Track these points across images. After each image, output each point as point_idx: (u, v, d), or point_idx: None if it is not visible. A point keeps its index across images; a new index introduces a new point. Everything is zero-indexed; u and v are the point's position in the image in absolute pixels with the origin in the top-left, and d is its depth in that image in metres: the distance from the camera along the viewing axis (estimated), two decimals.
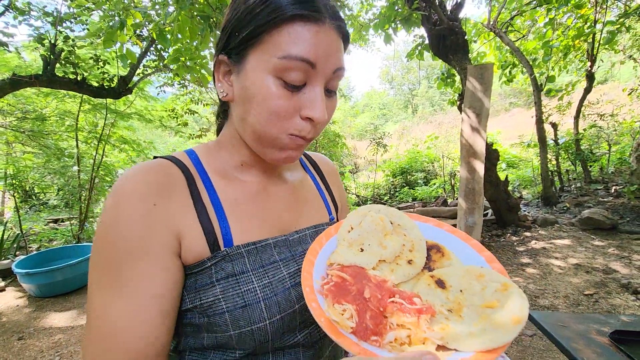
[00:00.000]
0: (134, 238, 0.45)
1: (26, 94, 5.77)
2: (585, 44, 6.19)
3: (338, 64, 0.50)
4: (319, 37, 0.47)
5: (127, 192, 0.47)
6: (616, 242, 4.04)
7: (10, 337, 2.76)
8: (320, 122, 0.50)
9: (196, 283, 0.50)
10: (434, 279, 0.43)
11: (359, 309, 0.39)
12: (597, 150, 7.45)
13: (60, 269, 3.37)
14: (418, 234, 0.50)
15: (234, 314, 0.48)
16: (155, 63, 5.35)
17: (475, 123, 4.26)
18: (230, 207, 0.55)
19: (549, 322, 1.03)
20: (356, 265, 0.45)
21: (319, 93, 0.49)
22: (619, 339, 0.93)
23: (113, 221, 0.45)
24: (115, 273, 0.44)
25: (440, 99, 27.64)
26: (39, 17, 4.55)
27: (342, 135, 9.73)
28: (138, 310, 0.44)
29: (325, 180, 0.76)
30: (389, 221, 0.51)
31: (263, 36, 0.47)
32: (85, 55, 5.09)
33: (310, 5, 0.46)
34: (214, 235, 0.51)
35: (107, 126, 6.22)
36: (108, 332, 0.43)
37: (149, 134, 12.06)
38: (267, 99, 0.47)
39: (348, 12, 6.15)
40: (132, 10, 2.87)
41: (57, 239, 5.93)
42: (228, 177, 0.58)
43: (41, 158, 6.61)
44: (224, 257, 0.50)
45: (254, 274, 0.51)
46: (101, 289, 0.44)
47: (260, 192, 0.60)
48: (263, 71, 0.47)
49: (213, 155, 0.60)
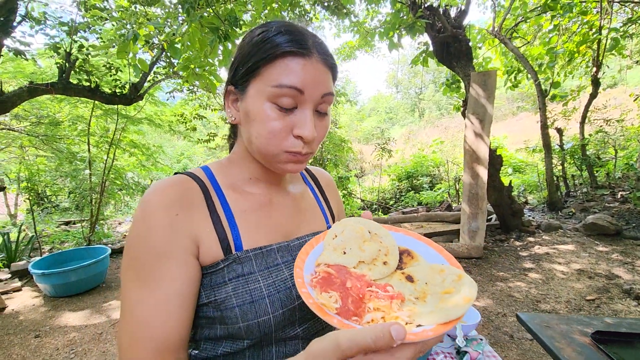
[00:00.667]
0: (160, 244, 0.54)
1: (40, 100, 5.93)
2: (590, 49, 6.20)
3: (325, 90, 0.59)
4: (306, 68, 0.56)
5: (153, 205, 0.56)
6: (620, 247, 4.05)
7: (27, 335, 2.88)
8: (309, 139, 0.58)
9: (211, 282, 0.58)
10: (405, 275, 0.53)
11: (342, 295, 0.47)
12: (603, 155, 7.42)
13: (74, 270, 3.50)
14: (392, 241, 0.59)
15: (243, 308, 0.56)
16: (165, 70, 5.49)
17: (479, 129, 4.32)
18: (240, 217, 0.64)
19: (534, 322, 1.09)
20: (339, 264, 0.53)
21: (308, 115, 0.58)
22: (600, 339, 0.99)
23: (143, 230, 0.55)
24: (145, 273, 0.53)
25: (447, 103, 27.57)
26: (54, 26, 4.72)
27: (348, 140, 9.79)
28: (163, 305, 0.53)
29: (323, 192, 0.84)
30: (367, 231, 0.59)
31: (261, 69, 0.57)
32: (98, 63, 5.25)
33: (298, 44, 0.56)
34: (227, 241, 0.60)
35: (118, 131, 6.39)
36: (138, 323, 0.52)
37: (158, 138, 12.27)
38: (264, 121, 0.57)
39: (354, 19, 6.25)
40: (146, 24, 3.00)
41: (69, 240, 6.08)
42: (238, 190, 0.67)
43: (53, 162, 6.79)
44: (235, 260, 0.59)
45: (260, 275, 0.60)
46: (133, 286, 0.54)
47: (266, 203, 0.69)
48: (261, 98, 0.57)
49: (225, 171, 0.69)
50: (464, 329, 1.23)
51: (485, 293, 3.31)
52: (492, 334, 2.65)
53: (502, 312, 2.94)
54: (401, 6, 4.86)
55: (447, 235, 4.74)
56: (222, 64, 3.57)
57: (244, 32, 3.82)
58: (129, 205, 9.41)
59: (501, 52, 6.92)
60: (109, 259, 4.12)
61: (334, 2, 5.36)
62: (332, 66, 0.62)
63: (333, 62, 0.62)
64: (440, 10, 4.86)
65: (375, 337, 0.35)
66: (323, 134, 0.63)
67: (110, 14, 4.33)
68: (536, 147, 7.36)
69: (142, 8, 4.43)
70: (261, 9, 4.05)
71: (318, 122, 0.61)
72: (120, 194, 7.43)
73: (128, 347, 0.52)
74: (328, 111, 0.63)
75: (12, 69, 5.81)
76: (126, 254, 0.56)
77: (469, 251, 4.16)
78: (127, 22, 3.66)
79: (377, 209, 8.24)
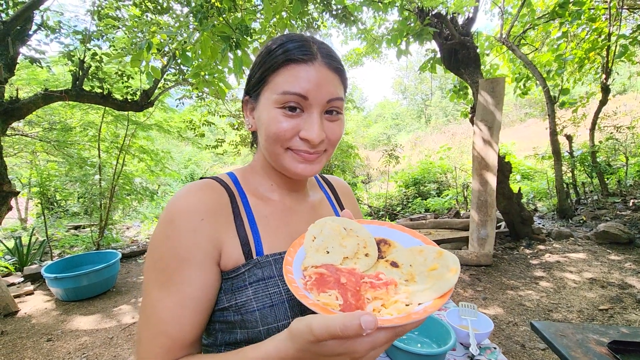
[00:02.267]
0: (183, 248, 0.56)
1: (53, 106, 6.04)
2: (599, 56, 6.17)
3: (331, 95, 0.61)
4: (309, 74, 0.59)
5: (180, 208, 0.58)
6: (633, 256, 3.98)
7: (39, 339, 2.91)
8: (315, 142, 0.60)
9: (232, 286, 0.60)
10: (389, 262, 0.55)
11: (341, 292, 0.48)
12: (614, 162, 7.33)
13: (86, 274, 3.55)
14: (367, 233, 0.61)
15: (263, 312, 0.58)
16: (176, 77, 5.58)
17: (487, 136, 4.31)
18: (262, 223, 0.66)
19: (549, 331, 1.09)
20: (327, 264, 0.55)
21: (315, 118, 0.60)
22: (617, 348, 0.98)
23: (168, 233, 0.57)
24: (167, 276, 0.56)
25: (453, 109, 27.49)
26: (69, 34, 4.84)
27: (355, 146, 9.80)
28: (179, 308, 0.55)
29: (339, 201, 0.86)
30: (342, 227, 0.62)
31: (268, 78, 0.61)
32: (110, 70, 5.35)
33: (301, 51, 0.59)
34: (249, 246, 0.62)
35: (128, 137, 6.48)
36: (157, 320, 0.55)
37: (166, 143, 12.41)
38: (272, 124, 0.60)
39: (362, 26, 6.30)
40: (158, 32, 3.06)
41: (78, 245, 6.16)
42: (261, 197, 0.70)
43: (64, 167, 6.89)
44: (256, 264, 0.61)
45: (280, 279, 0.61)
46: (155, 286, 0.56)
47: (286, 210, 0.71)
48: (270, 105, 0.60)
49: (248, 178, 0.72)
50: (477, 337, 1.23)
51: (496, 301, 3.27)
52: (503, 343, 2.62)
53: (514, 321, 2.90)
54: (409, 14, 4.90)
55: (455, 243, 4.71)
56: (232, 72, 3.62)
57: (253, 40, 3.88)
58: (137, 210, 9.49)
59: (509, 59, 6.91)
60: (120, 264, 4.16)
61: (341, 11, 5.41)
62: (338, 69, 0.63)
63: (339, 65, 0.64)
64: (448, 18, 4.88)
65: (344, 326, 0.37)
66: (336, 135, 0.64)
67: (123, 23, 4.43)
68: (545, 154, 7.29)
69: (153, 17, 4.53)
70: (270, 17, 4.10)
71: (329, 123, 0.63)
72: (128, 199, 7.51)
73: (145, 340, 0.56)
74: (341, 112, 0.65)
75: (26, 75, 5.95)
76: (150, 254, 0.58)
77: (478, 259, 4.12)
78: (140, 30, 3.74)
79: (384, 215, 8.21)
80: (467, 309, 1.38)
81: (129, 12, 4.92)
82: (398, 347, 1.13)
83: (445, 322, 1.26)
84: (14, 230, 7.15)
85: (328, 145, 0.64)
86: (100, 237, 6.06)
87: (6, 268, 4.47)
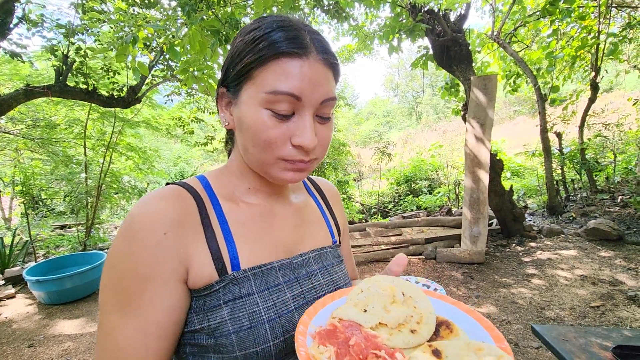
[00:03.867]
0: (144, 267, 0.48)
1: (36, 102, 5.88)
2: (589, 54, 6.23)
3: (326, 95, 0.53)
4: (303, 71, 0.50)
5: (141, 221, 0.50)
6: (623, 253, 4.02)
7: (20, 345, 2.80)
8: (309, 148, 0.52)
9: (204, 305, 0.52)
10: (432, 348, 0.44)
11: (339, 352, 0.41)
12: (602, 159, 7.43)
13: (69, 276, 3.43)
14: (429, 308, 0.50)
15: (240, 335, 0.50)
16: (164, 73, 5.45)
17: (480, 133, 4.30)
18: (238, 230, 0.58)
19: (551, 335, 1.05)
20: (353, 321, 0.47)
21: (308, 121, 0.52)
22: (621, 353, 0.95)
23: (127, 250, 0.49)
24: (126, 298, 0.48)
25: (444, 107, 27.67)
26: (52, 28, 4.68)
27: (347, 143, 9.77)
28: (141, 334, 0.48)
29: (328, 203, 0.78)
30: (401, 292, 0.52)
31: (252, 72, 0.51)
32: (95, 65, 5.20)
33: (294, 43, 0.50)
34: (222, 260, 0.54)
35: (115, 134, 6.32)
36: (114, 349, 0.47)
37: (155, 141, 12.21)
38: (260, 130, 0.51)
39: (353, 22, 6.25)
40: (145, 26, 2.96)
41: (64, 245, 6.00)
42: (236, 200, 0.61)
43: (49, 165, 6.71)
44: (231, 281, 0.53)
45: (260, 296, 0.54)
46: (112, 310, 0.48)
47: (266, 214, 0.63)
48: (255, 104, 0.52)
49: (222, 180, 0.63)
50: None
51: (489, 300, 3.27)
52: None
53: (507, 320, 2.89)
54: (401, 10, 4.85)
55: (448, 240, 4.70)
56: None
57: None
58: (125, 209, 9.32)
59: (499, 57, 6.93)
60: None
61: (333, 6, 5.35)
62: (333, 65, 0.55)
63: (334, 60, 0.55)
64: (440, 14, 4.86)
65: None
66: (327, 140, 0.57)
67: (108, 17, 4.29)
68: (535, 151, 7.35)
69: (140, 11, 4.40)
70: (261, 11, 4.02)
71: (320, 127, 0.55)
72: (116, 197, 7.35)
73: None
74: (331, 115, 0.58)
75: (8, 71, 5.77)
76: (107, 273, 0.50)
77: (470, 257, 4.12)
78: (126, 24, 3.62)
79: (376, 212, 8.20)
80: None
81: (114, 5, 4.77)
82: None
83: None
84: None
85: (320, 152, 0.57)
86: (87, 237, 5.92)
87: None
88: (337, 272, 0.67)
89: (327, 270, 0.66)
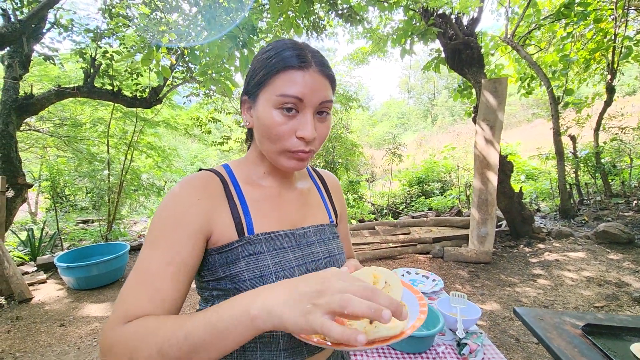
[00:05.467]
0: (179, 215, 0.66)
1: (64, 102, 6.18)
2: (604, 57, 6.17)
3: (323, 98, 0.69)
4: (305, 79, 0.67)
5: (183, 189, 0.69)
6: (632, 256, 4.02)
7: (52, 324, 3.05)
8: (310, 139, 0.68)
9: (227, 259, 0.69)
10: None
11: None
12: (619, 163, 7.32)
13: (96, 264, 3.69)
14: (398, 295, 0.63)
15: (253, 281, 0.67)
16: (183, 74, 5.69)
17: (489, 135, 4.36)
18: (253, 206, 0.75)
19: (530, 316, 1.17)
20: None
21: (309, 118, 0.68)
22: (590, 331, 1.06)
23: (170, 203, 0.67)
24: (159, 234, 0.65)
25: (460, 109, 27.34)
26: (81, 32, 4.97)
27: (360, 144, 9.87)
28: (164, 267, 0.62)
29: (328, 192, 0.95)
30: (384, 280, 0.66)
31: (268, 81, 0.69)
32: (120, 68, 5.48)
33: (299, 59, 0.67)
34: (241, 225, 0.71)
35: (136, 133, 6.61)
36: (146, 273, 0.62)
37: (173, 140, 12.57)
38: (272, 125, 0.68)
39: (367, 25, 6.36)
40: (168, 32, 3.17)
41: (87, 238, 6.31)
42: (252, 183, 0.79)
43: (73, 162, 7.05)
44: (248, 241, 0.70)
45: (269, 255, 0.71)
46: (147, 244, 0.65)
47: (276, 195, 0.81)
48: (269, 105, 0.68)
49: (241, 167, 0.81)
50: (464, 323, 1.31)
51: (493, 297, 3.34)
52: (498, 337, 2.69)
53: (509, 316, 2.97)
54: (414, 13, 4.95)
55: (456, 240, 4.77)
56: (239, 70, 3.72)
57: (260, 40, 3.97)
58: (144, 206, 9.65)
59: (514, 59, 6.93)
60: (128, 255, 4.30)
61: (347, 10, 5.48)
62: (329, 76, 0.72)
63: (330, 72, 0.72)
64: (452, 18, 4.94)
65: None
66: (324, 134, 0.73)
67: (133, 22, 4.53)
68: (549, 155, 7.31)
69: (162, 15, 4.64)
70: (277, 17, 4.19)
71: (319, 124, 0.71)
72: (136, 194, 7.66)
73: (129, 288, 0.61)
74: (329, 114, 0.74)
75: (38, 72, 6.11)
76: (154, 218, 0.67)
77: (477, 256, 4.19)
78: (150, 30, 3.85)
79: (388, 213, 8.28)
80: (457, 297, 1.47)
81: (138, 10, 5.03)
82: None
83: (435, 309, 1.35)
84: (25, 223, 7.34)
85: (317, 144, 0.73)
86: (109, 232, 6.20)
87: (20, 258, 4.64)
88: (332, 244, 0.84)
89: (323, 242, 0.82)
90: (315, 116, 0.71)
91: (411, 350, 1.24)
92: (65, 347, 2.71)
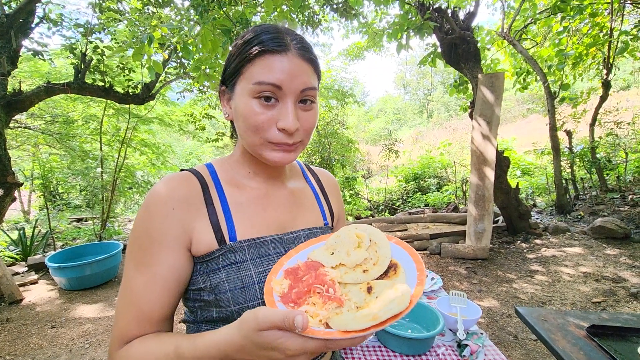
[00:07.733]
0: (156, 232, 0.61)
1: (55, 99, 6.07)
2: (600, 52, 6.16)
3: (304, 85, 0.63)
4: (282, 64, 0.60)
5: (156, 197, 0.64)
6: (628, 251, 4.02)
7: (44, 326, 2.99)
8: (291, 130, 0.62)
9: (207, 268, 0.64)
10: (367, 285, 0.54)
11: (292, 285, 0.54)
12: (614, 158, 7.33)
13: (89, 264, 3.62)
14: (387, 253, 0.60)
15: (234, 292, 0.62)
16: (177, 70, 5.60)
17: (486, 130, 4.33)
18: (237, 209, 0.69)
19: (532, 316, 1.14)
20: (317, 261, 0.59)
21: (289, 107, 0.62)
22: (595, 332, 1.03)
23: (144, 218, 0.63)
24: (140, 256, 0.62)
25: (455, 105, 27.36)
26: (70, 27, 4.86)
27: (355, 141, 9.81)
28: (150, 285, 0.61)
29: (324, 192, 0.89)
30: (368, 238, 0.62)
31: (243, 68, 0.63)
32: (111, 63, 5.38)
33: (275, 42, 0.61)
34: (221, 233, 0.66)
35: (129, 130, 6.52)
36: (130, 293, 0.61)
37: (167, 137, 12.44)
38: (250, 115, 0.62)
39: (363, 20, 6.30)
40: (159, 26, 3.09)
41: (80, 237, 6.23)
42: (237, 184, 0.73)
43: (66, 160, 6.95)
44: (229, 249, 0.65)
45: (252, 263, 0.65)
46: (130, 264, 0.62)
47: (262, 196, 0.74)
48: (245, 95, 0.62)
49: (226, 167, 0.75)
50: (465, 323, 1.28)
51: (491, 294, 3.33)
52: (497, 334, 2.67)
53: (507, 313, 2.96)
54: (409, 8, 4.89)
55: (453, 236, 4.76)
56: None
57: None
58: (139, 204, 9.56)
59: (510, 54, 6.89)
60: (121, 255, 4.23)
61: (342, 4, 5.42)
62: (311, 60, 0.65)
63: (311, 55, 0.65)
64: (448, 12, 4.89)
65: (284, 319, 0.44)
66: (310, 124, 0.66)
67: (125, 17, 4.44)
68: (544, 150, 7.30)
69: (155, 10, 4.55)
70: (271, 10, 4.11)
71: (303, 113, 0.65)
72: (130, 192, 7.57)
73: (120, 309, 0.61)
74: (314, 102, 0.66)
75: (28, 68, 5.99)
76: (131, 235, 0.64)
77: (474, 252, 4.17)
78: (141, 24, 3.76)
79: (384, 209, 8.26)
80: (457, 297, 1.43)
81: (129, 5, 4.93)
82: (389, 332, 1.18)
83: (434, 309, 1.31)
84: (17, 222, 7.23)
85: (304, 135, 0.66)
86: (102, 230, 6.13)
87: (11, 258, 4.55)
88: None
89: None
90: (298, 105, 0.64)
91: (410, 352, 1.20)
92: (56, 349, 2.66)
